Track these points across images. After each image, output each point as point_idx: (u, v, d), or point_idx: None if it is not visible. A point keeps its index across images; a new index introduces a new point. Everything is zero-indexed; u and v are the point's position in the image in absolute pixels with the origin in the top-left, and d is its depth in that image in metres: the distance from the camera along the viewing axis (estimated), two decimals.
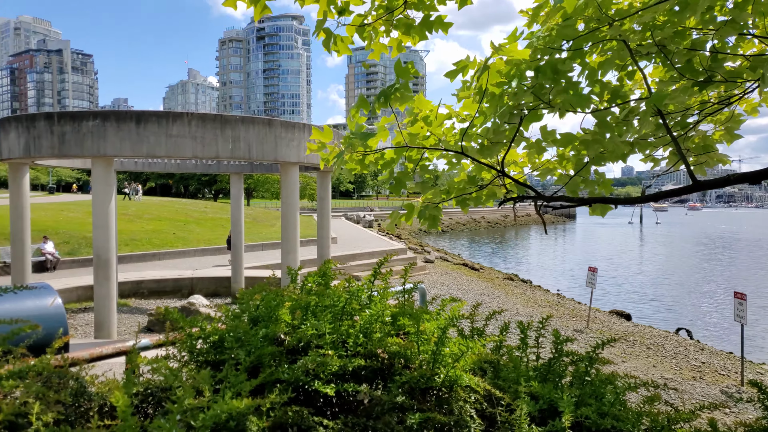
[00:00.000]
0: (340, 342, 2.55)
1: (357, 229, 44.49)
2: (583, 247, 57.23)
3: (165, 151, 12.58)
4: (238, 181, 20.98)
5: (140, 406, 2.35)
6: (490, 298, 20.30)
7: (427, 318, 2.85)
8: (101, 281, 12.87)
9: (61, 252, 23.31)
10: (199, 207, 45.81)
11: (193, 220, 36.22)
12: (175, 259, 25.59)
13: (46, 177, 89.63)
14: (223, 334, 2.52)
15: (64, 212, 31.99)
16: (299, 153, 14.08)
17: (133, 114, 12.63)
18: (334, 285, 3.13)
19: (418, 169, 3.29)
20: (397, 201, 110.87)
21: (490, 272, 30.73)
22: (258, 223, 38.60)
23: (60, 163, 17.22)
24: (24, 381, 1.98)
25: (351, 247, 28.41)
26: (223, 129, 12.96)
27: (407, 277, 3.28)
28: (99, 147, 12.37)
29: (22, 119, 13.11)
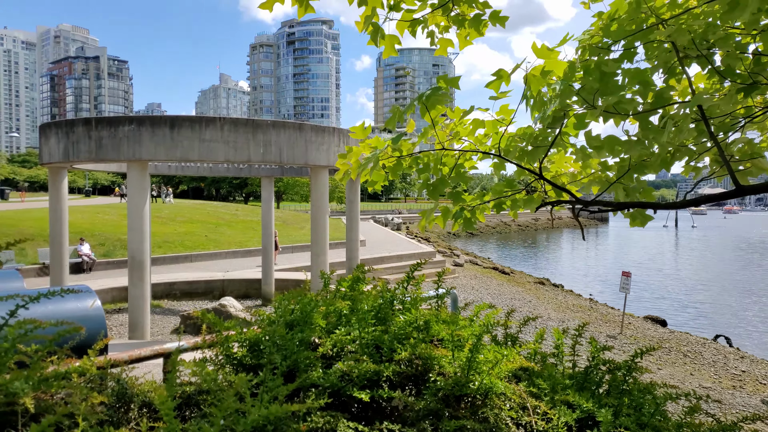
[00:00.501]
0: (374, 348, 2.55)
1: (385, 232, 44.52)
2: (616, 251, 56.13)
3: (198, 155, 12.79)
4: (269, 184, 21.21)
5: (178, 408, 2.39)
6: (521, 303, 20.07)
7: (462, 324, 2.83)
8: (136, 282, 13.12)
9: (96, 253, 23.89)
10: (231, 210, 46.45)
11: (225, 223, 36.75)
12: (206, 261, 25.99)
13: (83, 180, 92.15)
14: (258, 338, 2.55)
15: (100, 215, 32.81)
16: (329, 156, 14.17)
17: (168, 119, 12.87)
18: (367, 290, 3.13)
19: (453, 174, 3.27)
20: (425, 204, 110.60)
21: (520, 276, 30.38)
22: (288, 225, 38.96)
23: (96, 166, 17.67)
24: (68, 382, 2.03)
25: (379, 250, 28.44)
26: (254, 133, 13.12)
27: (440, 282, 3.26)
28: (134, 151, 12.64)
29: (62, 125, 13.50)
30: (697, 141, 2.86)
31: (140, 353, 2.95)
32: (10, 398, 1.79)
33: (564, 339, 3.06)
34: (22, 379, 1.80)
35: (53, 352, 2.25)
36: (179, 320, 15.62)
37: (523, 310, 18.45)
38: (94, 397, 1.92)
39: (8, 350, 1.97)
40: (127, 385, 2.29)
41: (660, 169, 2.88)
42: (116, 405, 2.20)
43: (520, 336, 3.50)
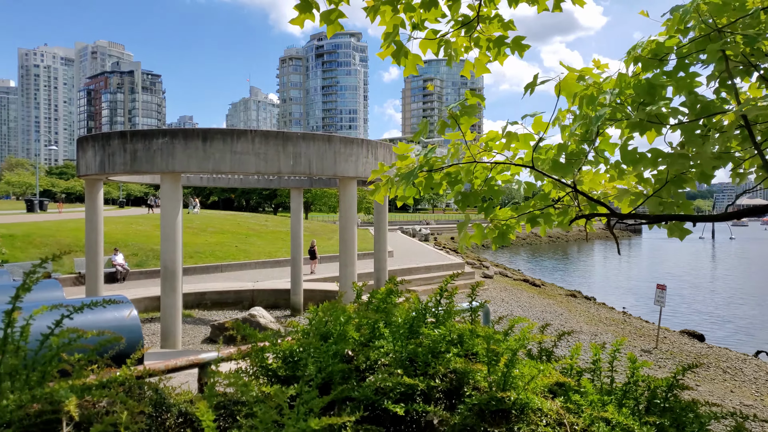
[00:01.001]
0: (408, 361, 2.54)
1: (413, 243, 44.43)
2: (650, 263, 54.89)
3: (230, 167, 12.99)
4: (298, 195, 21.42)
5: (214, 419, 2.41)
6: (553, 316, 19.75)
7: (496, 338, 2.80)
8: (168, 292, 13.34)
9: (130, 263, 24.39)
10: (260, 220, 46.98)
11: (254, 233, 37.17)
12: (236, 271, 26.29)
13: (117, 192, 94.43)
14: (293, 350, 2.55)
15: (133, 225, 33.52)
16: (357, 168, 14.24)
17: (200, 132, 13.11)
18: (399, 302, 3.12)
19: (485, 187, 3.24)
20: (453, 215, 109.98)
21: (551, 288, 29.94)
22: (316, 236, 39.18)
23: (131, 178, 18.08)
24: (109, 390, 2.07)
25: (407, 261, 28.38)
26: (285, 145, 13.28)
27: (474, 295, 3.23)
28: (168, 163, 12.91)
29: (98, 138, 13.88)
30: (743, 147, 2.79)
31: (176, 363, 2.99)
32: (55, 406, 1.83)
33: (600, 354, 2.99)
34: (67, 388, 1.84)
35: (94, 361, 2.29)
36: (210, 330, 15.81)
37: (554, 324, 18.16)
38: (135, 406, 1.95)
39: (53, 359, 2.02)
40: (165, 395, 2.32)
41: (700, 182, 2.81)
42: (154, 414, 2.23)
43: (555, 351, 3.44)
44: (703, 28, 2.56)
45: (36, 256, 23.56)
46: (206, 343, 15.13)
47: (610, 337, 16.63)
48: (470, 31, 3.42)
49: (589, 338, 16.16)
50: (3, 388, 1.78)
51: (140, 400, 2.16)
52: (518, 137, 3.31)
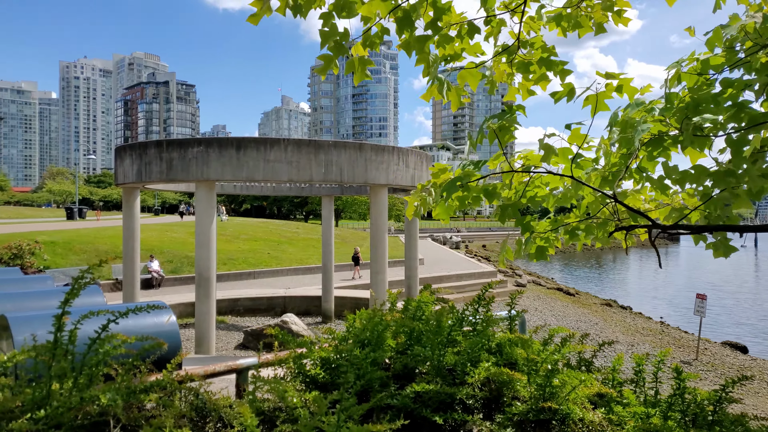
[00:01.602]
0: (447, 370, 2.51)
1: (444, 251, 44.20)
2: (688, 272, 53.35)
3: (263, 176, 13.14)
4: (329, 203, 21.54)
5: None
6: (588, 326, 19.36)
7: (536, 348, 2.75)
8: (202, 298, 13.52)
9: (165, 270, 24.86)
10: (291, 228, 47.42)
11: (286, 241, 37.52)
12: (269, 278, 26.56)
13: (152, 199, 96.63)
14: (330, 357, 2.56)
15: (168, 233, 34.20)
16: (388, 175, 14.24)
17: (234, 140, 13.30)
18: (435, 310, 3.10)
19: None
20: (485, 222, 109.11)
21: (586, 298, 29.37)
22: (346, 243, 39.35)
23: (166, 186, 18.44)
24: (152, 394, 2.11)
25: (438, 269, 28.23)
26: (316, 153, 13.37)
27: (513, 305, 3.18)
28: (203, 172, 13.12)
29: (135, 147, 14.20)
30: None
31: (215, 368, 3.03)
32: (103, 408, 1.87)
33: (643, 365, 2.91)
34: (114, 391, 1.87)
35: (137, 365, 2.34)
36: (243, 336, 15.97)
37: (589, 333, 17.79)
38: (178, 410, 1.98)
39: (99, 363, 2.07)
40: (205, 400, 2.35)
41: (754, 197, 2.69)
42: (195, 419, 2.26)
43: (593, 361, 3.36)
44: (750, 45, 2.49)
45: (76, 263, 24.24)
46: (239, 349, 15.30)
47: (648, 348, 16.21)
48: (511, 56, 3.39)
49: (626, 349, 15.77)
50: (53, 390, 1.83)
51: (182, 405, 2.19)
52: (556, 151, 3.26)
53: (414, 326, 2.77)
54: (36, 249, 23.42)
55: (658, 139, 2.84)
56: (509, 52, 3.41)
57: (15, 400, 1.76)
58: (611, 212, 3.33)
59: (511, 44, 3.41)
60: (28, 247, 22.93)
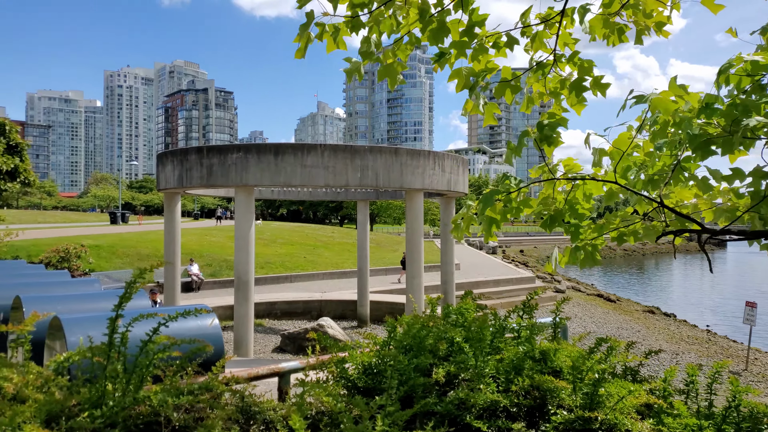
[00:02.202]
0: (490, 377, 2.49)
1: (480, 255, 43.83)
2: (737, 278, 51.41)
3: (300, 181, 13.29)
4: (364, 207, 21.61)
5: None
6: (629, 333, 18.89)
7: (582, 356, 2.70)
8: (241, 301, 13.74)
9: (204, 273, 25.34)
10: (327, 232, 47.76)
11: (322, 245, 37.82)
12: (305, 282, 26.79)
13: (192, 204, 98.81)
14: (372, 362, 2.56)
15: (207, 237, 34.88)
16: (424, 180, 14.21)
17: (272, 146, 13.50)
18: (477, 317, 3.07)
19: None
20: (522, 227, 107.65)
21: (627, 304, 28.66)
22: (381, 248, 39.42)
23: (206, 191, 18.82)
24: (200, 396, 2.15)
25: (474, 274, 28.00)
26: (352, 159, 13.45)
27: (558, 312, 3.13)
28: (242, 177, 13.36)
29: (177, 153, 14.55)
30: None
31: (258, 371, 3.07)
32: (154, 409, 1.91)
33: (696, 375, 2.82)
34: (165, 393, 1.92)
35: (184, 367, 2.39)
36: (280, 339, 16.14)
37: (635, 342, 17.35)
38: (225, 413, 2.01)
39: (149, 364, 2.12)
40: (250, 403, 2.38)
41: None
42: (240, 421, 2.30)
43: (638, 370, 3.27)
44: None
45: (119, 266, 24.97)
46: (276, 352, 15.47)
47: (693, 357, 15.69)
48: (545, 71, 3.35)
49: (671, 358, 15.31)
50: (108, 390, 1.88)
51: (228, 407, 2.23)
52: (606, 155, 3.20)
53: (456, 333, 2.75)
54: (82, 252, 24.22)
55: (706, 141, 2.76)
56: (541, 67, 3.37)
57: (71, 399, 1.83)
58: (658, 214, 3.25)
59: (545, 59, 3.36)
60: (74, 250, 23.74)
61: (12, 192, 24.53)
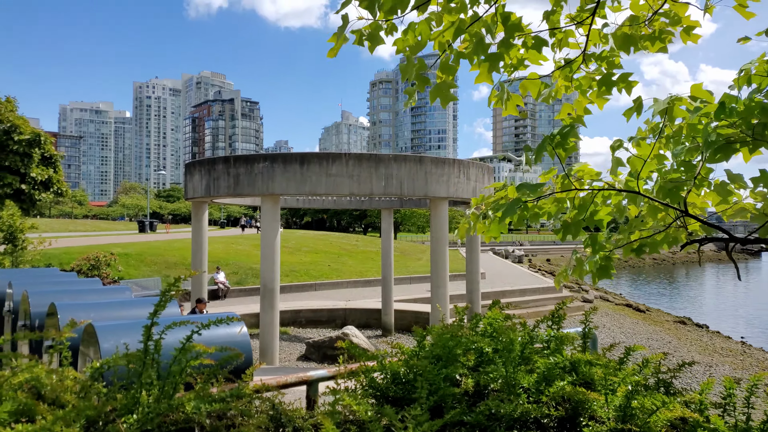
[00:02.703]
0: (520, 387, 2.46)
1: (506, 265, 43.45)
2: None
3: (325, 189, 13.39)
4: (388, 215, 21.65)
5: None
6: (660, 344, 18.49)
7: (612, 366, 2.66)
8: (266, 309, 13.85)
9: (230, 281, 25.63)
10: (351, 240, 47.91)
11: (346, 253, 37.94)
12: (329, 290, 26.89)
13: (218, 213, 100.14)
14: (399, 371, 2.56)
15: (233, 245, 35.28)
16: (449, 188, 14.18)
17: (298, 156, 13.64)
18: (506, 327, 3.05)
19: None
20: (549, 235, 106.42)
21: (657, 314, 28.07)
22: (405, 256, 39.38)
23: (232, 200, 19.06)
24: (231, 403, 2.18)
25: (500, 283, 27.76)
26: (377, 167, 13.50)
27: (588, 322, 3.09)
28: (268, 186, 13.51)
29: (204, 163, 14.79)
30: None
31: (287, 379, 3.09)
32: (187, 415, 1.94)
33: (734, 388, 2.75)
34: (199, 400, 1.95)
35: (215, 374, 2.42)
36: (305, 347, 16.22)
37: (667, 353, 16.98)
38: (256, 420, 2.04)
39: (182, 371, 2.16)
40: (280, 411, 2.40)
41: None
42: (271, 429, 2.32)
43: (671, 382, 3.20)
44: None
45: (147, 274, 25.41)
46: (301, 360, 15.54)
47: (728, 369, 15.28)
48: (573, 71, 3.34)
49: (704, 370, 14.94)
50: (142, 398, 1.92)
51: (259, 415, 2.26)
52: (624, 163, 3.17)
53: (485, 343, 2.74)
54: (111, 261, 24.71)
55: (725, 144, 2.71)
56: (571, 65, 3.36)
57: (108, 405, 1.87)
58: (681, 223, 3.19)
59: (575, 57, 3.35)
60: (104, 258, 24.24)
61: (45, 201, 25.17)
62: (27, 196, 23.70)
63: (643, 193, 3.08)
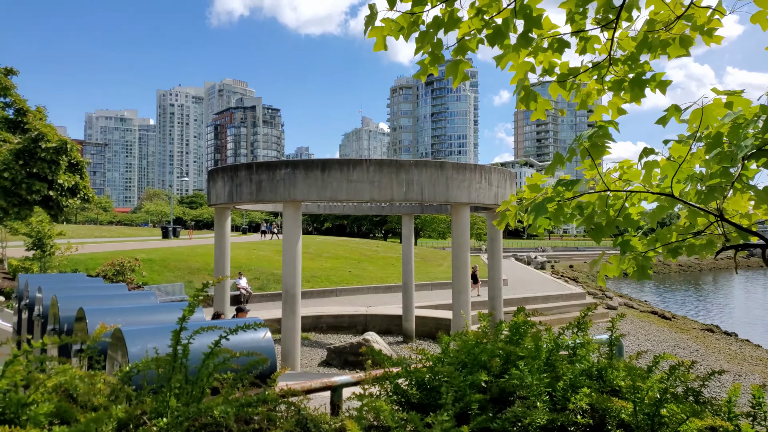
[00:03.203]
0: (546, 394, 2.44)
1: (528, 271, 43.07)
2: None
3: (346, 195, 13.44)
4: (409, 221, 21.62)
5: None
6: (686, 352, 18.15)
7: (639, 374, 2.62)
8: (288, 315, 13.91)
9: (252, 287, 25.81)
10: (371, 246, 47.95)
11: (366, 259, 37.98)
12: (350, 296, 26.94)
13: (240, 219, 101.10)
14: (424, 376, 2.56)
15: (256, 251, 35.56)
16: (470, 193, 14.13)
17: (319, 162, 13.72)
18: (531, 334, 3.03)
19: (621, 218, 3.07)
20: (571, 241, 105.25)
21: (684, 322, 27.53)
22: (426, 262, 39.27)
23: (255, 207, 19.22)
24: (258, 408, 2.20)
25: (523, 290, 27.52)
26: (397, 173, 13.51)
27: (614, 329, 3.05)
28: (290, 192, 13.61)
29: (227, 170, 14.96)
30: None
31: (311, 385, 3.11)
32: (216, 420, 1.97)
33: (764, 396, 2.69)
34: (227, 404, 1.97)
35: (241, 379, 2.45)
36: (326, 353, 16.25)
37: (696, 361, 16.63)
38: (283, 425, 2.05)
39: (209, 376, 2.19)
40: (306, 415, 2.42)
41: None
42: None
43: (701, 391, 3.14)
44: None
45: (170, 279, 25.73)
46: (323, 366, 15.57)
47: (758, 379, 14.90)
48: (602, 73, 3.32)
49: (733, 379, 14.61)
50: (172, 403, 1.95)
51: (285, 420, 2.27)
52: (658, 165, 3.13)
53: (510, 350, 2.72)
54: (136, 266, 25.10)
55: (763, 150, 2.66)
56: (599, 68, 3.34)
57: (138, 408, 1.90)
58: (717, 228, 3.14)
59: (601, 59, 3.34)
60: (128, 264, 24.63)
61: (72, 207, 25.68)
62: (54, 202, 24.19)
63: (681, 198, 3.04)
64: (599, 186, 3.19)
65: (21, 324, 9.22)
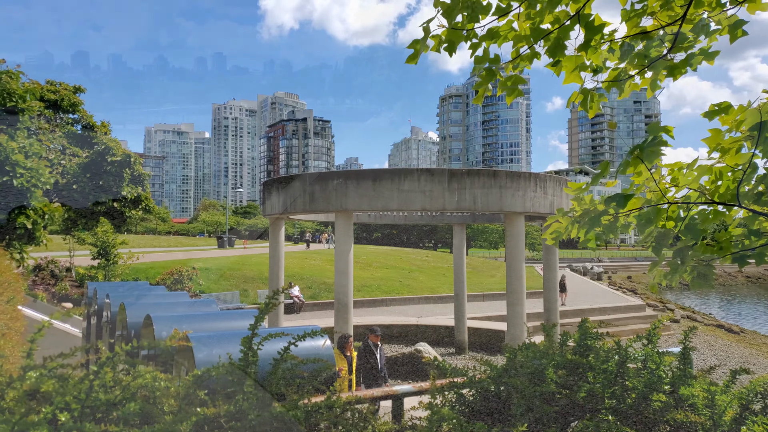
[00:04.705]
0: (617, 407, 2.37)
1: (584, 282, 41.92)
2: None
3: (397, 205, 13.48)
4: (461, 231, 21.45)
5: None
6: (757, 368, 17.21)
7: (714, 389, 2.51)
8: (340, 324, 14.00)
9: (304, 296, 26.18)
10: (421, 256, 47.83)
11: (417, 269, 37.89)
12: (401, 306, 26.92)
13: (292, 229, 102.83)
14: (489, 387, 2.53)
15: (308, 260, 36.08)
16: (525, 203, 13.89)
17: (370, 173, 13.83)
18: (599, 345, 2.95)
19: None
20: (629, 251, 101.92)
21: (753, 336, 26.13)
22: (478, 272, 38.82)
23: (307, 217, 19.51)
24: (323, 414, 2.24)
25: (579, 302, 26.79)
26: (449, 182, 13.45)
27: (687, 342, 2.94)
28: (342, 202, 13.76)
29: (282, 181, 15.28)
30: None
31: (374, 393, 3.13)
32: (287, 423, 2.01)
33: None
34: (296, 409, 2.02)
35: (312, 385, 2.49)
36: None
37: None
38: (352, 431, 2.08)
39: (277, 381, 2.24)
40: (370, 422, 2.43)
41: None
42: None
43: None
44: None
45: (226, 288, 26.41)
46: None
47: None
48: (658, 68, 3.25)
49: None
50: (244, 406, 2.01)
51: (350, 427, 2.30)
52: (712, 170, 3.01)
53: (578, 361, 2.66)
54: (193, 275, 25.91)
55: None
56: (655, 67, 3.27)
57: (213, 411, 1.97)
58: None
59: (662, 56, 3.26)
60: (186, 273, 25.45)
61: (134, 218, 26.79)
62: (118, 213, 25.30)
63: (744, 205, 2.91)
64: (656, 195, 3.08)
65: (90, 329, 9.67)
